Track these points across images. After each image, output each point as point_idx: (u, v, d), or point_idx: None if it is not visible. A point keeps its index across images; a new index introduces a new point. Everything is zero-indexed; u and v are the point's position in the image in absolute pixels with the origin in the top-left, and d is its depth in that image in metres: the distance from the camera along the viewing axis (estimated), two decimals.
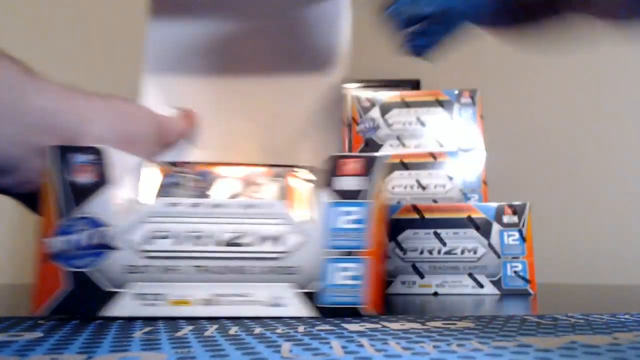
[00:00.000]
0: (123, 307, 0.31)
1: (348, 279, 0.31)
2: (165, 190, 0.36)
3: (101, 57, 0.92)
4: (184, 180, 0.36)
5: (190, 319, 0.30)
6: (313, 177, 0.35)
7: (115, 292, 0.30)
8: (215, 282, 0.31)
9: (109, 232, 0.30)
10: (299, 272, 0.31)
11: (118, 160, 0.32)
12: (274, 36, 0.44)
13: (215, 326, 0.28)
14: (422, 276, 0.57)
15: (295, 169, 0.39)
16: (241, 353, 0.21)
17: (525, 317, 0.33)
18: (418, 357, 0.20)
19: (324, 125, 0.43)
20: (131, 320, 0.31)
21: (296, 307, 0.31)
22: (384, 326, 0.28)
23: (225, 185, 0.37)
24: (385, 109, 0.76)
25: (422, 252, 0.58)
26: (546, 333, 0.26)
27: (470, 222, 0.57)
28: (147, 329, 0.27)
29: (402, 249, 0.58)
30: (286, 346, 0.23)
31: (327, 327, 0.28)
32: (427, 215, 0.58)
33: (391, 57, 0.47)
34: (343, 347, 0.22)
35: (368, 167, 0.31)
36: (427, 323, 0.30)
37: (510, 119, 1.09)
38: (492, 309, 0.41)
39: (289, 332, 0.26)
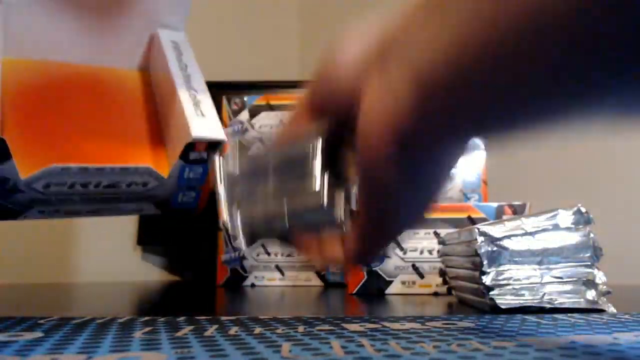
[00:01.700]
0: (29, 217, 0.44)
1: (189, 198, 0.48)
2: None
3: None
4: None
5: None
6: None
7: (23, 210, 0.43)
8: (98, 203, 0.45)
9: (13, 183, 0.40)
10: (157, 198, 0.47)
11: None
12: None
13: (215, 326, 0.28)
14: (422, 276, 0.57)
15: None
16: (241, 353, 0.21)
17: (525, 317, 0.33)
18: (418, 357, 0.20)
19: None
20: (131, 320, 0.31)
21: (152, 210, 0.48)
22: (384, 326, 0.28)
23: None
24: None
25: (422, 252, 0.58)
26: (546, 333, 0.26)
27: (470, 222, 0.57)
28: (147, 329, 0.27)
29: (402, 249, 0.57)
30: (286, 346, 0.23)
31: (327, 327, 0.28)
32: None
33: None
34: (343, 347, 0.22)
35: (210, 147, 0.45)
36: (427, 323, 0.30)
37: None
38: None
39: (289, 332, 0.26)
